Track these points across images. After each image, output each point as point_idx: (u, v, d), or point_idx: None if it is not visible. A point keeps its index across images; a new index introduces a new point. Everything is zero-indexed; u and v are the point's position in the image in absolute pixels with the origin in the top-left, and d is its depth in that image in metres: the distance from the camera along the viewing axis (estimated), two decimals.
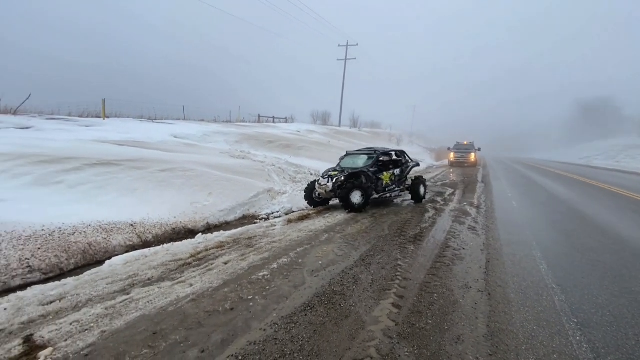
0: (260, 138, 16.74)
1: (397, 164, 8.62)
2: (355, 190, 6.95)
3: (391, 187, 8.04)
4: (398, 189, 8.20)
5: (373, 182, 7.48)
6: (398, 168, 8.36)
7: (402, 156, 8.82)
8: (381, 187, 7.77)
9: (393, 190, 8.09)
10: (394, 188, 8.11)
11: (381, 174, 7.83)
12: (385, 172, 7.93)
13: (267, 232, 5.53)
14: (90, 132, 9.45)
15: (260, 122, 25.39)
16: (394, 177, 8.12)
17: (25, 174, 5.93)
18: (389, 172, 8.00)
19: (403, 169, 8.42)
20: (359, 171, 7.45)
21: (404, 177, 8.40)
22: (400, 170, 8.32)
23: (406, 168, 8.52)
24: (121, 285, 3.41)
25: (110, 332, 2.54)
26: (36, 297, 3.18)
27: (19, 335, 2.51)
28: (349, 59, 33.76)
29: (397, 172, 8.23)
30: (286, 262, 4.13)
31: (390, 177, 8.00)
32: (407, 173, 8.54)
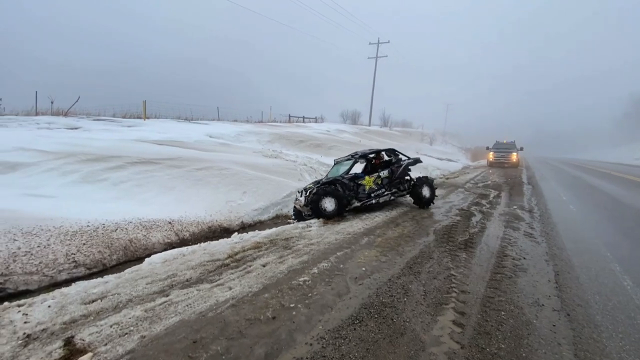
0: (292, 138, 16.69)
1: (387, 165, 7.61)
2: (325, 197, 6.26)
3: (378, 191, 7.08)
4: (389, 193, 7.18)
5: (351, 190, 6.78)
6: (385, 169, 7.33)
7: (392, 155, 7.78)
8: (364, 194, 6.90)
9: (381, 195, 7.08)
10: (382, 192, 7.12)
11: (362, 179, 6.97)
12: (367, 177, 7.02)
13: (303, 234, 5.30)
14: (132, 132, 9.80)
15: (290, 122, 25.46)
16: (381, 180, 7.13)
17: (73, 172, 6.16)
18: (372, 176, 7.05)
19: (393, 169, 7.29)
20: (331, 180, 6.74)
21: (395, 178, 7.27)
22: (390, 171, 7.23)
23: (398, 168, 7.33)
24: (160, 285, 3.31)
25: (150, 338, 2.40)
26: (79, 295, 3.16)
27: (60, 336, 2.44)
28: (380, 56, 33.01)
29: (385, 173, 7.17)
30: (327, 267, 3.86)
31: (374, 180, 7.05)
32: (401, 173, 7.33)
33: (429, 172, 18.10)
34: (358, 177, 7.04)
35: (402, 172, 7.33)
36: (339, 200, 6.34)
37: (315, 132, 20.23)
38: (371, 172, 7.32)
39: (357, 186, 6.87)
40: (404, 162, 7.53)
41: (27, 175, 5.79)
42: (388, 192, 7.18)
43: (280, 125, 21.00)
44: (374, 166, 7.72)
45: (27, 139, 7.05)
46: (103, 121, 11.06)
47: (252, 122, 20.22)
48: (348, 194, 6.69)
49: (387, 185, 7.19)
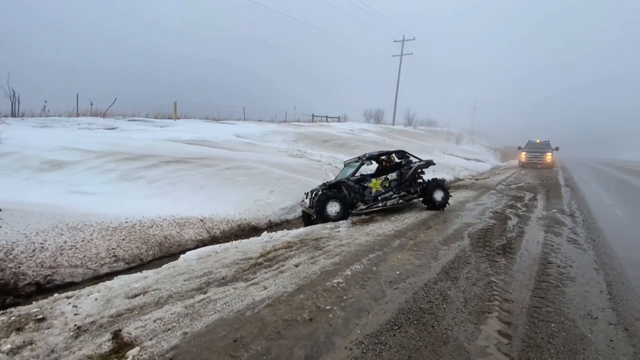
0: (316, 137, 16.70)
1: (397, 167, 7.34)
2: (331, 201, 6.10)
3: (385, 194, 6.85)
4: (397, 196, 6.94)
5: (357, 192, 6.59)
6: (394, 171, 7.10)
7: (402, 157, 7.49)
8: (370, 196, 6.69)
9: (389, 198, 6.86)
10: (390, 195, 6.88)
11: (369, 182, 6.77)
12: (374, 179, 6.83)
13: (333, 234, 5.26)
14: (165, 132, 10.16)
15: (314, 121, 25.50)
16: (389, 183, 6.91)
17: (112, 170, 6.46)
18: (379, 179, 6.85)
19: (402, 171, 7.07)
20: (337, 183, 6.59)
21: (405, 181, 7.01)
22: (398, 174, 7.00)
23: (407, 170, 7.08)
24: (198, 282, 3.38)
25: (192, 335, 2.45)
26: (122, 289, 3.29)
27: (108, 329, 2.54)
28: (405, 54, 32.36)
29: (393, 176, 6.95)
30: (359, 269, 3.80)
31: (381, 183, 6.83)
32: (410, 176, 7.07)
33: (456, 172, 17.55)
34: (364, 180, 6.84)
35: (411, 175, 7.04)
36: (344, 204, 6.19)
37: (338, 132, 20.14)
38: (380, 175, 7.10)
39: (363, 189, 6.67)
40: (414, 165, 7.20)
41: (71, 173, 6.13)
42: (396, 195, 6.91)
43: (303, 124, 21.09)
44: (384, 169, 7.49)
45: (70, 138, 7.46)
46: (137, 121, 11.56)
47: (277, 121, 20.43)
48: (353, 197, 6.52)
49: (395, 188, 6.92)
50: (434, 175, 15.25)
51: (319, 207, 5.99)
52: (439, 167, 17.71)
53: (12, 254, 4.11)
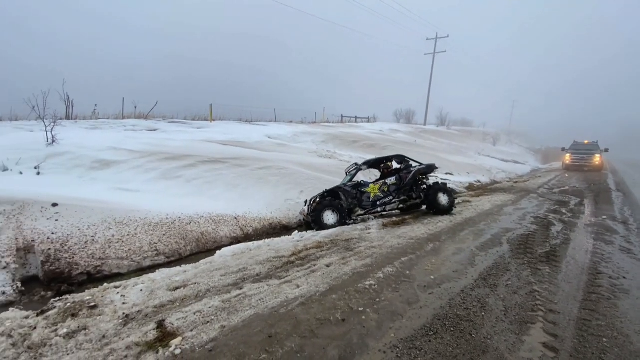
0: (345, 138, 16.66)
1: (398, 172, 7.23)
2: (326, 210, 6.09)
3: (384, 199, 6.74)
4: (397, 201, 6.81)
5: (354, 198, 6.50)
6: (393, 176, 7.01)
7: (401, 162, 7.36)
8: (368, 202, 6.61)
9: (388, 203, 6.75)
10: (390, 200, 6.76)
11: (366, 187, 6.68)
12: (371, 184, 6.76)
13: (363, 236, 5.23)
14: (201, 133, 10.63)
15: (343, 122, 25.46)
16: (387, 187, 6.80)
17: (154, 169, 6.86)
18: (377, 183, 6.79)
19: (402, 175, 6.94)
20: (334, 189, 6.56)
21: (404, 185, 6.87)
22: (398, 178, 6.89)
23: (407, 174, 6.93)
24: (233, 278, 3.50)
25: (229, 329, 2.54)
26: (164, 282, 3.48)
27: (153, 319, 2.70)
28: (438, 52, 31.39)
29: (392, 180, 6.86)
30: (392, 272, 3.74)
31: (380, 188, 6.74)
32: (410, 180, 6.89)
33: (492, 174, 16.75)
34: (361, 185, 6.73)
35: (411, 179, 6.88)
36: (340, 212, 6.18)
37: (368, 132, 19.96)
38: (379, 180, 7.01)
39: (360, 194, 6.59)
40: (413, 169, 7.03)
41: (118, 172, 6.58)
42: (396, 200, 6.79)
43: (333, 125, 21.12)
44: (384, 174, 7.38)
45: (117, 139, 8.02)
46: (176, 123, 12.19)
47: (307, 122, 20.62)
48: (351, 202, 6.46)
49: (395, 193, 6.80)
50: (469, 177, 14.70)
51: (316, 216, 6.01)
52: (473, 168, 17.03)
53: (67, 245, 4.49)
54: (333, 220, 6.10)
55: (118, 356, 2.22)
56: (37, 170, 5.86)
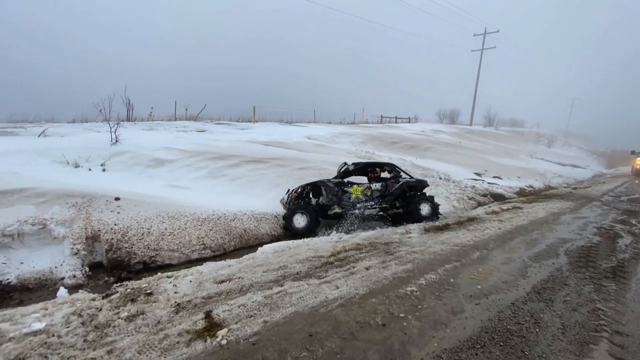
0: (384, 139, 16.36)
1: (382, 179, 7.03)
2: (297, 214, 6.03)
3: (365, 203, 6.52)
4: (377, 207, 6.56)
5: (335, 195, 6.37)
6: (379, 182, 6.78)
7: (392, 171, 7.12)
8: (348, 202, 6.42)
9: (368, 207, 6.52)
10: (370, 205, 6.54)
11: (349, 187, 6.53)
12: (355, 185, 6.59)
13: (404, 240, 5.09)
14: (245, 134, 11.09)
15: (382, 122, 25.02)
16: (371, 192, 6.57)
17: (202, 168, 7.29)
18: (361, 185, 6.61)
19: (388, 183, 6.72)
20: (317, 182, 6.45)
21: (389, 193, 6.64)
22: (383, 185, 6.66)
23: (394, 184, 6.71)
24: (275, 275, 3.61)
25: (271, 324, 2.62)
26: (211, 274, 3.68)
27: (201, 309, 2.87)
28: (487, 48, 29.59)
29: (377, 186, 6.64)
30: (434, 279, 3.60)
31: (363, 191, 6.54)
32: (396, 190, 6.67)
33: (547, 179, 15.44)
34: (345, 184, 6.60)
35: (398, 189, 6.67)
36: (310, 216, 6.08)
37: (408, 133, 19.41)
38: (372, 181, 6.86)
39: (342, 192, 6.45)
40: (402, 180, 6.81)
41: (170, 170, 7.09)
42: (377, 205, 6.57)
43: (372, 126, 20.86)
44: (370, 179, 7.16)
45: (170, 140, 8.64)
46: (222, 125, 12.84)
47: (345, 123, 20.58)
48: (331, 198, 6.36)
49: (377, 199, 6.60)
50: (520, 181, 13.67)
51: (287, 219, 6.03)
52: (524, 172, 15.82)
53: (127, 236, 4.93)
54: (302, 224, 6.07)
55: (171, 342, 2.40)
56: (103, 167, 6.51)
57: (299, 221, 6.08)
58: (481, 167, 14.70)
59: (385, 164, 7.20)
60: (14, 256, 4.30)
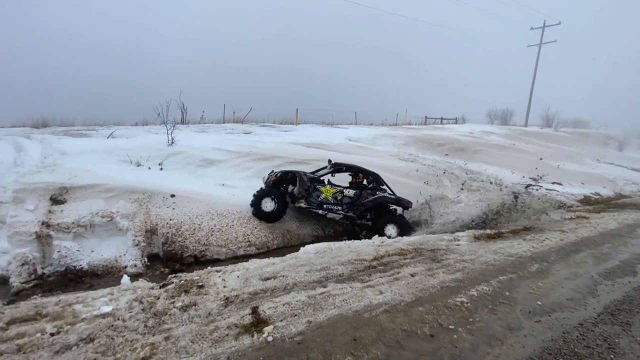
0: (429, 140, 15.73)
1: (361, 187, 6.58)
2: (265, 198, 5.98)
3: (332, 206, 6.24)
4: (343, 214, 6.25)
5: (306, 190, 6.19)
6: (355, 190, 6.40)
7: (374, 182, 6.66)
8: (315, 200, 6.18)
9: (333, 211, 6.24)
10: (336, 209, 6.25)
11: (322, 185, 6.30)
12: (328, 186, 6.34)
13: (451, 247, 4.83)
14: (288, 136, 11.35)
15: (427, 123, 24.10)
16: (341, 197, 6.27)
17: (248, 168, 7.59)
18: (333, 187, 6.32)
19: (363, 193, 6.34)
20: (294, 172, 6.41)
21: (360, 204, 6.28)
22: (357, 194, 6.32)
23: (368, 195, 6.33)
24: (318, 276, 3.62)
25: (315, 325, 2.63)
26: (256, 271, 3.80)
27: (248, 304, 2.97)
28: (546, 42, 27.21)
29: (349, 192, 6.31)
30: (487, 291, 3.36)
31: (333, 194, 6.26)
32: (370, 203, 6.31)
33: (618, 186, 13.78)
34: (319, 181, 6.39)
35: (371, 202, 6.32)
36: (279, 202, 6.06)
37: (456, 134, 18.47)
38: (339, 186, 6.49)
39: (313, 189, 6.23)
40: (379, 194, 6.38)
41: (219, 170, 7.48)
42: (342, 212, 6.26)
43: (415, 127, 20.18)
44: (351, 183, 6.76)
45: (219, 141, 9.12)
46: (267, 127, 13.29)
47: (387, 125, 20.17)
48: (301, 191, 6.19)
49: (345, 205, 6.27)
50: (584, 188, 12.33)
51: (255, 200, 5.98)
52: (590, 178, 14.25)
53: (180, 230, 5.28)
54: (269, 208, 6.02)
55: (221, 334, 2.50)
56: (160, 167, 7.05)
57: (266, 205, 6.03)
58: (538, 171, 13.51)
59: (370, 173, 6.74)
60: (86, 245, 4.82)
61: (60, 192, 5.10)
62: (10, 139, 7.38)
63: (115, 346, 2.40)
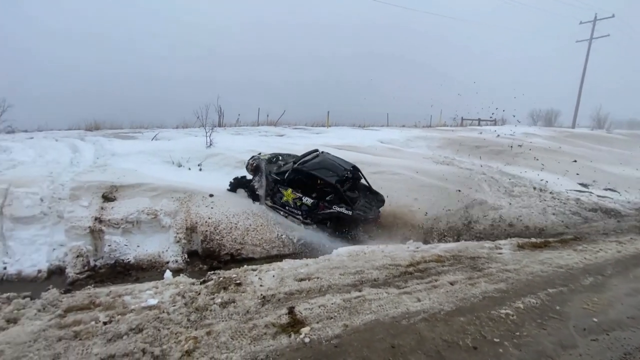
0: (465, 143, 15.11)
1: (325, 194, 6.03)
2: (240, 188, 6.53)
3: (292, 210, 6.17)
4: (301, 219, 6.12)
5: (271, 190, 6.24)
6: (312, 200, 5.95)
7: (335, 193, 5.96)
8: (279, 201, 6.24)
9: (294, 215, 6.17)
10: (296, 213, 6.15)
11: (284, 189, 6.13)
12: (290, 189, 6.11)
13: (493, 256, 4.58)
14: (320, 138, 11.45)
15: (463, 125, 23.15)
16: (300, 203, 6.05)
17: None
18: (294, 193, 6.09)
19: (321, 204, 5.92)
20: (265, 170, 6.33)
21: (317, 214, 5.99)
22: (314, 204, 5.95)
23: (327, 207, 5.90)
24: (352, 279, 3.59)
25: (352, 329, 2.60)
26: (291, 272, 3.84)
27: (284, 304, 3.01)
28: (597, 37, 25.14)
29: (307, 201, 5.98)
30: (535, 303, 3.15)
31: (294, 199, 6.11)
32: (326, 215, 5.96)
33: None
34: (282, 183, 6.16)
35: (326, 215, 5.99)
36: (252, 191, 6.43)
37: (495, 136, 17.58)
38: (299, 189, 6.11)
39: (277, 190, 6.21)
40: (334, 210, 5.90)
41: None
42: (301, 218, 6.13)
43: (451, 129, 19.48)
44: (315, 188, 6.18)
45: (253, 143, 9.39)
46: (299, 129, 13.50)
47: (420, 126, 19.64)
48: (267, 191, 6.27)
49: (305, 212, 6.07)
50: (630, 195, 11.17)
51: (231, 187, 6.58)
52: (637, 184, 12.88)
53: (218, 229, 5.48)
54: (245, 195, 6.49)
55: (259, 332, 2.56)
56: (200, 167, 7.38)
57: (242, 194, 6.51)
58: (588, 177, 12.47)
59: (328, 184, 6.02)
60: (133, 240, 5.15)
61: (111, 190, 5.50)
62: (67, 141, 8.09)
63: (161, 337, 2.53)
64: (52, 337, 2.50)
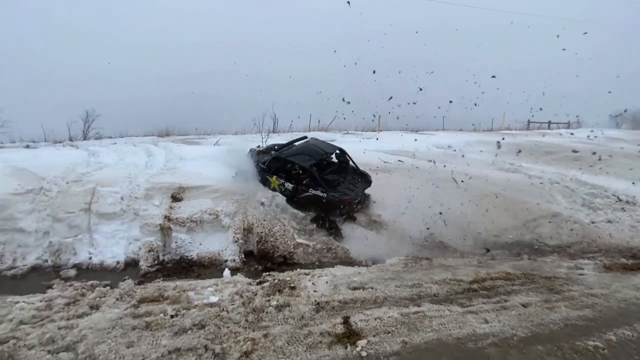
0: (534, 148, 13.69)
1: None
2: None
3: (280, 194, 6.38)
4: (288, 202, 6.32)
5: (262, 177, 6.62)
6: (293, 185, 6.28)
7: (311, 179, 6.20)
8: (269, 187, 6.51)
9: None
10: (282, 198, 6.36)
11: (271, 177, 6.49)
12: (274, 177, 6.48)
13: (573, 277, 4.03)
14: (371, 143, 11.26)
15: (530, 128, 21.05)
16: (284, 189, 6.39)
17: None
18: (278, 180, 6.44)
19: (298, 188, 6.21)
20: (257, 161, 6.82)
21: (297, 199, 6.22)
22: (294, 188, 6.29)
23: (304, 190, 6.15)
24: (409, 292, 3.41)
25: (411, 347, 2.46)
26: (344, 279, 3.78)
27: (339, 313, 2.95)
28: None
29: (289, 186, 6.34)
30: (630, 337, 2.68)
31: (279, 184, 6.44)
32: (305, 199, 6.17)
33: None
34: (269, 172, 6.55)
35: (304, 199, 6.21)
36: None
37: (568, 141, 15.67)
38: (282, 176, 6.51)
39: (266, 178, 6.55)
40: (311, 193, 6.15)
41: None
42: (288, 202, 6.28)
43: (516, 133, 17.86)
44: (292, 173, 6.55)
45: None
46: (349, 134, 13.46)
47: (480, 130, 18.30)
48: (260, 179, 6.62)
49: (287, 197, 6.34)
50: None
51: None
52: None
53: (272, 231, 5.62)
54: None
55: (314, 340, 2.53)
56: None
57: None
58: None
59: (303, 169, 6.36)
60: (196, 238, 5.52)
61: (179, 191, 5.98)
62: (143, 146, 9.04)
63: (221, 335, 2.64)
64: (127, 325, 2.75)
